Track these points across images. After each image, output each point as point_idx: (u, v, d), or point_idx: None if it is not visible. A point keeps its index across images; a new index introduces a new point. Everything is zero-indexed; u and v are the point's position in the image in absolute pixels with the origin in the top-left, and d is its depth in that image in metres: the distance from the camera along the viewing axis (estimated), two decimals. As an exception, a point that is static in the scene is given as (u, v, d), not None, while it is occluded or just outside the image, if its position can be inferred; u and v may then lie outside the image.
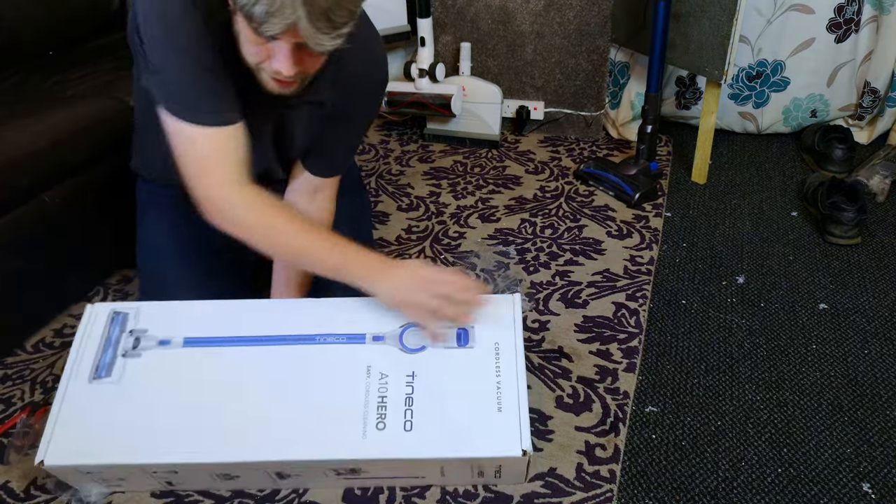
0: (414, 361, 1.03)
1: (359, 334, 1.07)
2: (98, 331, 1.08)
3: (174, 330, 1.08)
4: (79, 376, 1.04)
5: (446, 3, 2.08)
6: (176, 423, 0.99)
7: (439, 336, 1.05)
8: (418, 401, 1.00)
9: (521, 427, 0.97)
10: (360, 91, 1.17)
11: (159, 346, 1.06)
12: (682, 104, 2.17)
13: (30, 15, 1.88)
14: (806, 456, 1.11)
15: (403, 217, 1.81)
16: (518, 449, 0.95)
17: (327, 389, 1.02)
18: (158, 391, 1.02)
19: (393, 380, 1.02)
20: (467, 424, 0.98)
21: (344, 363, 1.04)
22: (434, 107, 2.05)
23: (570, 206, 1.82)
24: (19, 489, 1.10)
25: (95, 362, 1.05)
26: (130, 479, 1.03)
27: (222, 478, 1.03)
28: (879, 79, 1.97)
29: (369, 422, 0.98)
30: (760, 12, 1.93)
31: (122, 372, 1.04)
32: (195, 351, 1.06)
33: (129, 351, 1.06)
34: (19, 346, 1.40)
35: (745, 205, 1.81)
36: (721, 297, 1.47)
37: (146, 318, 1.10)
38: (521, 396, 1.00)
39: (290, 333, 1.07)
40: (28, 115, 1.46)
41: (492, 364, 1.03)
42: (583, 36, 2.01)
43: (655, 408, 1.22)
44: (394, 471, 1.03)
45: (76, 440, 0.98)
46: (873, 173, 1.79)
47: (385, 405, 0.99)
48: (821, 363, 1.29)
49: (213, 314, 1.11)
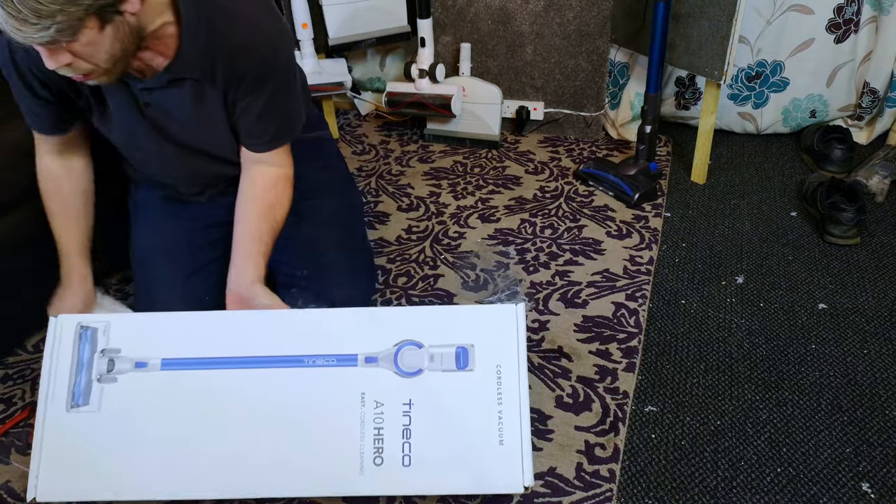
0: (411, 387, 0.98)
1: (350, 355, 1.01)
2: (67, 348, 1.03)
3: (149, 350, 1.02)
4: (55, 401, 1.01)
5: (446, 4, 2.08)
6: (162, 456, 0.98)
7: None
8: (416, 433, 0.96)
9: (523, 462, 0.95)
10: (245, 60, 1.12)
11: (136, 368, 1.02)
12: (682, 104, 2.17)
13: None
14: (805, 455, 1.12)
15: (403, 217, 1.81)
16: (520, 486, 0.94)
17: (321, 419, 0.98)
18: (140, 421, 0.99)
19: (389, 409, 0.97)
20: (468, 459, 0.95)
21: (336, 389, 0.99)
22: (434, 107, 2.05)
23: (570, 207, 1.82)
24: (20, 489, 1.10)
25: (70, 387, 1.02)
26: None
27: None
28: (879, 79, 1.97)
29: (366, 456, 0.95)
30: (760, 13, 1.93)
31: (100, 399, 1.01)
32: (174, 374, 1.01)
33: (104, 375, 1.02)
34: (20, 345, 1.41)
35: (744, 205, 1.81)
36: (720, 297, 1.48)
37: (117, 335, 1.04)
38: (523, 428, 0.96)
39: (276, 354, 1.01)
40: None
41: (493, 390, 0.98)
42: (582, 36, 2.01)
43: (655, 407, 1.22)
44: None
45: (64, 476, 0.99)
46: (872, 173, 1.79)
47: (382, 437, 0.96)
48: (820, 363, 1.30)
49: (189, 329, 1.04)
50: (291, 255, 1.34)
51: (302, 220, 1.35)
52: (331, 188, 1.44)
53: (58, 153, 1.23)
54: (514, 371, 0.99)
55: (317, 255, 1.34)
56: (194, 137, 1.20)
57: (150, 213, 1.33)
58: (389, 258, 1.64)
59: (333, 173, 1.48)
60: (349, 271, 1.35)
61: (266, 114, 1.18)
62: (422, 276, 1.57)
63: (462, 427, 0.97)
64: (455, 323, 1.03)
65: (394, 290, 1.52)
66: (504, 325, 1.02)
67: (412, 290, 1.52)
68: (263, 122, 1.19)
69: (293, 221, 1.33)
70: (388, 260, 1.63)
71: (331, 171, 1.48)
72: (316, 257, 1.34)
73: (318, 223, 1.37)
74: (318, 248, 1.35)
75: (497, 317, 1.03)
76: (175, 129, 1.18)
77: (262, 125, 1.19)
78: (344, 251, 1.36)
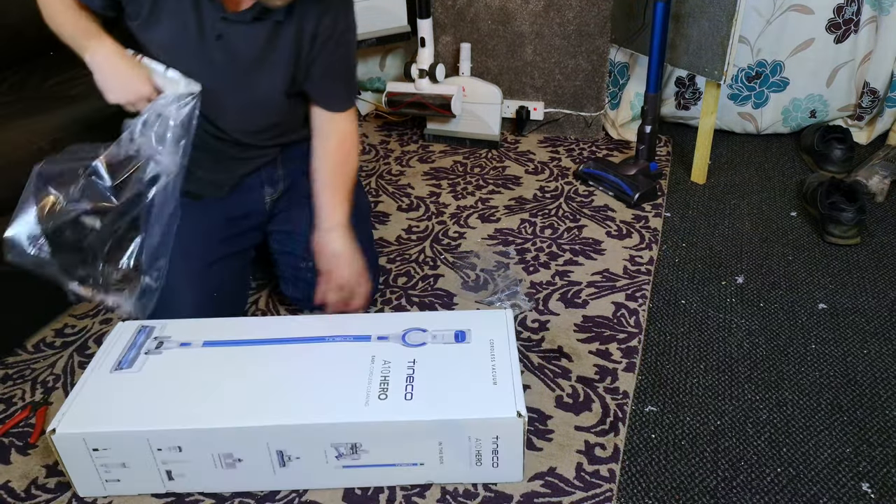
0: (415, 353, 1.12)
1: (364, 335, 1.16)
2: (124, 340, 1.16)
3: (195, 336, 1.16)
4: (100, 369, 1.10)
5: (446, 4, 2.08)
6: (185, 401, 1.05)
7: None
8: (419, 379, 1.07)
9: (514, 395, 1.03)
10: (332, 14, 1.21)
11: (180, 346, 1.15)
12: (682, 104, 2.17)
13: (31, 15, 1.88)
14: (805, 455, 1.12)
15: (403, 217, 1.81)
16: (513, 411, 1.00)
17: (333, 371, 1.09)
18: (174, 379, 1.08)
19: (395, 365, 1.09)
20: (463, 395, 1.04)
21: (350, 354, 1.12)
22: (434, 107, 2.05)
23: (570, 207, 1.82)
24: (20, 489, 1.10)
25: (119, 358, 1.12)
26: (132, 466, 1.03)
27: (225, 464, 1.03)
28: (878, 79, 1.97)
29: (372, 394, 1.04)
30: (760, 13, 1.93)
31: (143, 365, 1.11)
32: (213, 349, 1.14)
33: (152, 350, 1.14)
34: (20, 345, 1.41)
35: (744, 205, 1.81)
36: (720, 297, 1.48)
37: (170, 329, 1.18)
38: (514, 374, 1.06)
39: (303, 335, 1.17)
40: (29, 115, 1.46)
41: (487, 353, 1.12)
42: (582, 36, 2.01)
43: (655, 407, 1.22)
44: (393, 451, 1.04)
45: (89, 415, 1.02)
46: (872, 173, 1.79)
47: (387, 382, 1.06)
48: (820, 363, 1.30)
49: (232, 325, 1.20)
50: (297, 246, 1.36)
51: (312, 212, 1.36)
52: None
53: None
54: (505, 345, 1.13)
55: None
56: (247, 79, 1.22)
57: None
58: (389, 258, 1.64)
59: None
60: None
61: (345, 72, 1.30)
62: (422, 276, 1.57)
63: (459, 374, 1.08)
64: (453, 318, 1.23)
65: (394, 290, 1.52)
66: (496, 320, 1.19)
67: (412, 290, 1.52)
68: (341, 81, 1.31)
69: (302, 214, 1.36)
70: (388, 260, 1.63)
71: None
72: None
73: None
74: None
75: (490, 315, 1.22)
76: (233, 66, 1.20)
77: (340, 84, 1.30)
78: None
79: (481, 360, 1.10)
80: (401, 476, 1.07)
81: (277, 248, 1.40)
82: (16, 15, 1.84)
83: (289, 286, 1.39)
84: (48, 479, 1.11)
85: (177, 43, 1.16)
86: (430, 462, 1.05)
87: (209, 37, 1.16)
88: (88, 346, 1.40)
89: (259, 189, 1.39)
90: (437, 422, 1.01)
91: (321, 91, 1.29)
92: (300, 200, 1.38)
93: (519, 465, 1.06)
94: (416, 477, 1.07)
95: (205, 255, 1.30)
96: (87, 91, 1.64)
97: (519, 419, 1.00)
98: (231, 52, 1.18)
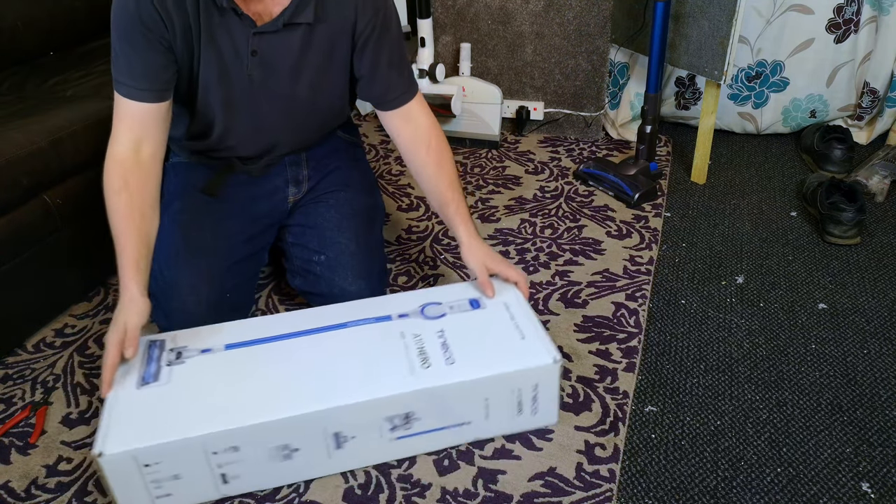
0: (439, 324, 1.17)
1: (384, 316, 1.19)
2: (137, 358, 1.10)
3: (212, 342, 1.14)
4: (125, 387, 1.05)
5: (446, 4, 2.08)
6: (231, 401, 1.03)
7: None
8: (453, 345, 1.11)
9: (545, 344, 1.11)
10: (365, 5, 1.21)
11: (202, 353, 1.12)
12: (682, 104, 2.18)
13: (30, 16, 1.89)
14: (805, 455, 1.12)
15: (404, 217, 1.81)
16: (549, 358, 1.08)
17: (369, 352, 1.11)
18: (210, 383, 1.06)
19: (426, 336, 1.14)
20: (500, 351, 1.10)
21: (378, 334, 1.15)
22: (434, 107, 2.04)
23: (570, 207, 1.82)
24: (20, 489, 1.10)
25: (140, 375, 1.07)
26: (185, 476, 1.00)
27: (281, 456, 1.03)
28: (878, 79, 1.97)
29: (415, 364, 1.08)
30: (760, 13, 1.93)
31: (169, 376, 1.07)
32: (238, 351, 1.12)
33: (173, 361, 1.10)
34: (20, 345, 1.41)
35: (744, 205, 1.81)
36: (720, 297, 1.48)
37: (182, 339, 1.15)
38: (538, 328, 1.14)
39: (323, 325, 1.17)
40: (28, 115, 1.46)
41: (505, 314, 1.18)
42: (582, 36, 2.01)
43: (655, 407, 1.22)
44: (444, 414, 1.08)
45: (133, 432, 0.98)
46: (872, 173, 1.79)
47: (425, 353, 1.10)
48: (820, 363, 1.30)
49: (246, 326, 1.19)
50: (312, 240, 1.37)
51: (331, 208, 1.38)
52: (362, 185, 1.47)
53: (136, 141, 1.14)
54: (519, 305, 1.19)
55: (339, 243, 1.35)
56: (287, 86, 1.23)
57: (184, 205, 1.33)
58: (389, 258, 1.64)
59: (365, 174, 1.52)
60: (366, 266, 1.36)
61: (399, 60, 1.27)
62: (422, 276, 1.57)
63: (488, 336, 1.14)
64: (462, 289, 1.26)
65: (394, 290, 1.52)
66: (502, 286, 1.24)
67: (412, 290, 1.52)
68: (396, 70, 1.27)
69: (321, 210, 1.38)
70: (388, 260, 1.63)
71: (362, 171, 1.51)
72: (338, 246, 1.35)
73: (346, 214, 1.39)
74: (341, 237, 1.36)
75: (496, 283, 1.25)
76: (273, 78, 1.21)
77: (396, 73, 1.27)
78: (363, 246, 1.37)
79: (502, 321, 1.16)
80: (449, 438, 1.12)
81: (292, 240, 1.40)
82: (16, 15, 1.84)
83: (297, 278, 1.40)
84: (48, 479, 1.11)
85: (219, 72, 1.18)
86: (477, 419, 1.11)
87: (244, 55, 1.17)
88: (88, 346, 1.40)
89: (284, 189, 1.40)
90: (484, 379, 1.07)
91: (386, 85, 1.27)
92: (320, 198, 1.40)
93: (555, 408, 1.15)
94: (463, 436, 1.12)
95: (228, 254, 1.30)
96: (86, 91, 1.65)
97: (555, 364, 1.08)
98: (270, 64, 1.19)
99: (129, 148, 1.13)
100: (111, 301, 1.53)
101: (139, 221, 1.12)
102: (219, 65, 1.17)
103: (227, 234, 1.31)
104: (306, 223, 1.39)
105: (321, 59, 1.22)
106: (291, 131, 1.32)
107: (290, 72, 1.21)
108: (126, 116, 1.14)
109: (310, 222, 1.39)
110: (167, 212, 1.28)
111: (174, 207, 1.31)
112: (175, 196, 1.32)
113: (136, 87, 1.12)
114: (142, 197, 1.13)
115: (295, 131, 1.32)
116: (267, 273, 1.59)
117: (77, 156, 1.44)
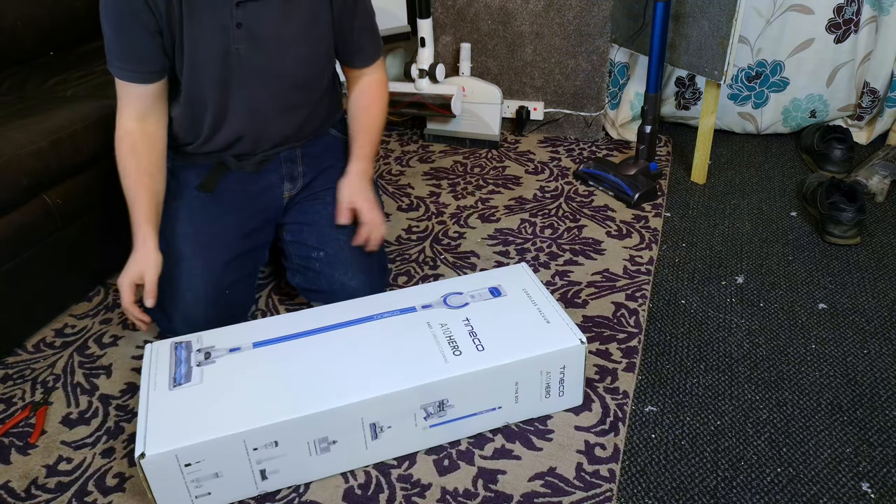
0: (464, 313, 1.20)
1: (409, 307, 1.22)
2: (165, 359, 1.12)
3: (240, 340, 1.15)
4: (157, 390, 1.06)
5: (446, 4, 2.08)
6: (268, 397, 1.04)
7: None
8: (481, 332, 1.15)
9: (569, 327, 1.15)
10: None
11: (230, 352, 1.13)
12: (682, 104, 2.18)
13: (30, 16, 1.89)
14: (805, 455, 1.12)
15: (404, 217, 1.81)
16: (575, 340, 1.13)
17: (400, 343, 1.14)
18: (243, 381, 1.07)
19: (453, 326, 1.16)
20: (528, 336, 1.14)
21: (405, 326, 1.17)
22: (434, 107, 2.05)
23: (570, 207, 1.82)
24: (20, 489, 1.10)
25: (171, 376, 1.08)
26: (225, 474, 1.01)
27: (320, 449, 1.04)
28: (878, 79, 1.97)
29: (447, 353, 1.11)
30: (760, 13, 1.93)
31: (201, 376, 1.08)
32: (267, 348, 1.14)
33: (203, 361, 1.11)
34: (20, 345, 1.41)
35: (744, 205, 1.81)
36: (720, 297, 1.48)
37: (208, 339, 1.16)
38: (560, 312, 1.18)
39: (349, 319, 1.19)
40: (28, 115, 1.46)
41: (527, 300, 1.22)
42: (582, 36, 2.01)
43: (655, 407, 1.22)
44: (476, 400, 1.11)
45: (173, 432, 0.98)
46: (872, 173, 1.79)
47: (455, 341, 1.13)
48: (820, 363, 1.30)
49: (271, 324, 1.20)
50: (310, 237, 1.37)
51: (328, 205, 1.39)
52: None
53: (139, 117, 1.24)
54: (538, 291, 1.24)
55: (337, 240, 1.36)
56: (275, 58, 1.26)
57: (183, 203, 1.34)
58: (390, 258, 1.64)
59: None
60: (366, 261, 1.37)
61: (368, 27, 1.39)
62: (422, 276, 1.57)
63: (513, 322, 1.17)
64: (480, 278, 1.30)
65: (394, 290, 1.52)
66: (517, 273, 1.29)
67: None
68: (367, 35, 1.39)
69: (318, 207, 1.39)
70: (388, 260, 1.63)
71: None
72: (337, 242, 1.36)
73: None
74: (339, 234, 1.37)
75: (509, 270, 1.31)
76: (260, 52, 1.24)
77: (366, 38, 1.39)
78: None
79: (525, 307, 1.20)
80: (481, 424, 1.14)
81: (290, 238, 1.41)
82: (16, 15, 1.84)
83: (296, 276, 1.40)
84: (48, 479, 1.11)
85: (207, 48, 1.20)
86: (507, 404, 1.14)
87: (229, 28, 1.19)
88: (88, 346, 1.40)
89: (279, 185, 1.41)
90: (514, 363, 1.10)
91: (351, 48, 1.38)
92: (317, 195, 1.41)
93: (580, 389, 1.19)
94: (494, 421, 1.15)
95: (226, 249, 1.31)
96: (86, 91, 1.65)
97: (582, 346, 1.12)
98: (255, 37, 1.22)
99: (134, 122, 1.24)
100: (111, 301, 1.53)
101: (147, 180, 1.23)
102: (206, 41, 1.19)
103: (224, 229, 1.32)
104: (304, 220, 1.39)
105: (304, 31, 1.26)
106: (281, 112, 1.33)
107: (277, 43, 1.24)
108: (125, 96, 1.23)
109: (307, 219, 1.39)
110: (165, 210, 1.29)
111: (171, 206, 1.31)
112: (172, 195, 1.33)
113: (131, 70, 1.20)
114: (149, 159, 1.24)
115: (284, 111, 1.33)
116: (267, 273, 1.59)
117: (77, 156, 1.44)
